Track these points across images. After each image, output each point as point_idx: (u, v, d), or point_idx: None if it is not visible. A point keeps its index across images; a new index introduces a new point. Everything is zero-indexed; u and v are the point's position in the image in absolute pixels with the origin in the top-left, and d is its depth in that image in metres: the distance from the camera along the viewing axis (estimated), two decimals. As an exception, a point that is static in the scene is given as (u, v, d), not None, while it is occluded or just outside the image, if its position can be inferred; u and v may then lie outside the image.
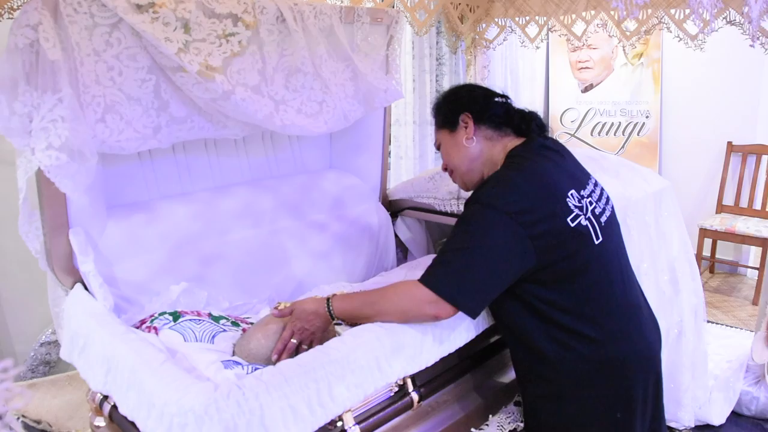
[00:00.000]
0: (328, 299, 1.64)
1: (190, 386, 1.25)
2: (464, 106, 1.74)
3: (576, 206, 1.55)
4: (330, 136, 2.57)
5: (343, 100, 2.17)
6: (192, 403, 1.20)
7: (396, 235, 2.70)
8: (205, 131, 1.93)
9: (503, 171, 1.62)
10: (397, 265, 2.64)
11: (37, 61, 1.50)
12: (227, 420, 1.20)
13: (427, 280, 1.52)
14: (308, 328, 1.63)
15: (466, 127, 1.72)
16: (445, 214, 2.52)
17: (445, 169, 1.84)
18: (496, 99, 1.76)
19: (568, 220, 1.52)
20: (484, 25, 3.68)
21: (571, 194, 1.57)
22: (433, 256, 2.58)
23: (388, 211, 2.68)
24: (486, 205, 1.51)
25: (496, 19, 3.60)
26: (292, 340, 1.62)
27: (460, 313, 1.52)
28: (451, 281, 1.50)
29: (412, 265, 2.48)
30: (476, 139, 1.72)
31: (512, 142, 1.70)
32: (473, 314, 1.53)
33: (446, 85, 4.34)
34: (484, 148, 1.72)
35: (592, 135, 5.32)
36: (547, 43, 5.33)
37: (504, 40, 3.69)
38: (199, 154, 2.18)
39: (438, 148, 1.84)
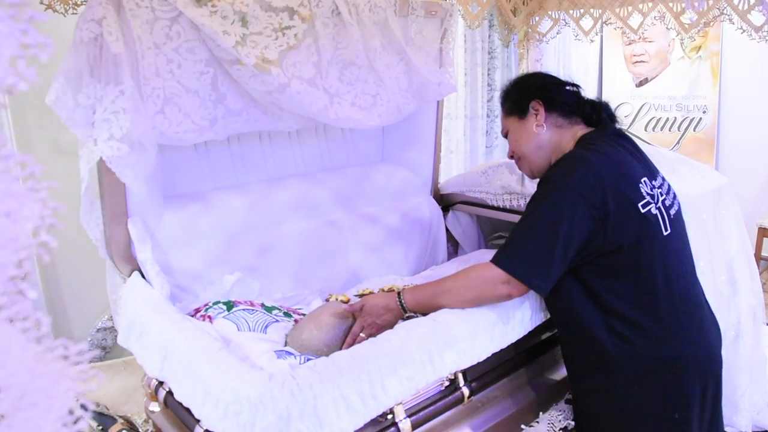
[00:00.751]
0: (398, 293, 1.65)
1: (246, 375, 1.27)
2: (535, 94, 1.73)
3: (648, 194, 1.55)
4: (383, 129, 2.57)
5: (396, 94, 2.17)
6: (247, 391, 1.22)
7: (447, 230, 2.69)
8: (260, 123, 1.95)
9: (576, 151, 1.62)
10: (448, 260, 2.63)
11: (100, 54, 1.54)
12: (281, 409, 1.21)
13: (498, 260, 1.55)
14: (379, 323, 1.65)
15: (536, 115, 1.72)
16: (497, 209, 2.49)
17: (511, 156, 1.84)
18: (568, 87, 1.76)
19: (639, 205, 1.51)
20: (537, 18, 3.62)
21: (644, 181, 1.56)
22: (485, 250, 2.60)
23: (439, 205, 2.67)
24: (558, 185, 1.52)
25: (550, 12, 3.54)
26: (361, 334, 1.64)
27: (516, 301, 1.59)
28: (522, 260, 1.52)
29: (463, 259, 2.47)
30: (546, 127, 1.71)
31: (582, 130, 1.69)
32: (543, 292, 1.57)
33: (498, 79, 4.30)
34: (554, 136, 1.71)
35: (646, 130, 5.20)
36: (601, 37, 5.23)
37: (557, 33, 3.63)
38: (253, 145, 2.20)
39: (505, 135, 1.83)
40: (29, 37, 0.45)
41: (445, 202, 2.70)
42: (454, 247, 2.78)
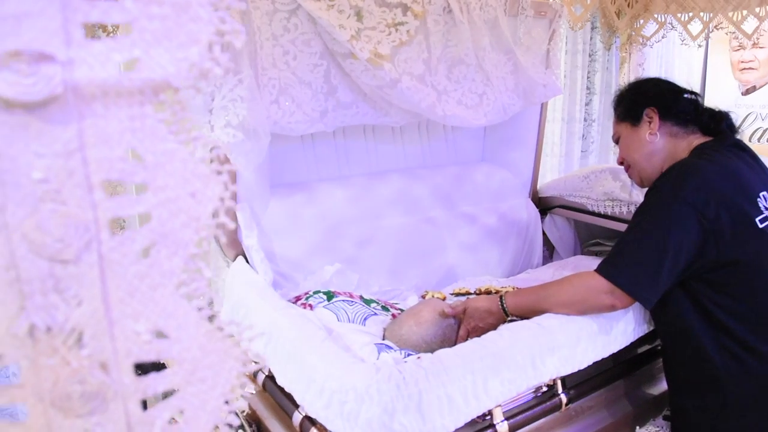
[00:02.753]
0: (500, 296, 1.64)
1: (353, 365, 1.28)
2: (650, 100, 1.68)
3: (766, 208, 1.47)
4: (484, 129, 2.56)
5: (503, 93, 2.15)
6: (354, 381, 1.23)
7: (543, 233, 2.65)
8: (368, 117, 1.97)
9: (690, 160, 1.56)
10: (542, 264, 2.59)
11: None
12: (386, 402, 1.22)
13: (604, 270, 1.51)
14: (482, 326, 1.65)
15: (650, 122, 1.66)
16: (597, 215, 2.43)
17: (621, 163, 1.79)
18: (686, 95, 1.69)
19: (757, 220, 1.45)
20: (641, 21, 3.50)
21: (763, 195, 1.49)
22: (582, 257, 2.55)
23: (537, 208, 2.63)
24: (669, 195, 1.47)
25: (656, 15, 3.43)
26: (468, 338, 1.64)
27: (620, 311, 1.54)
28: (627, 272, 1.48)
29: (560, 264, 2.43)
30: (660, 135, 1.66)
31: (699, 140, 1.63)
32: (649, 304, 1.52)
33: (597, 83, 4.20)
34: (667, 145, 1.65)
35: (750, 141, 4.96)
36: (707, 42, 5.03)
37: (662, 37, 3.50)
38: (357, 139, 2.23)
39: (616, 141, 1.78)
40: (226, 24, 0.47)
41: (543, 205, 2.66)
42: (549, 251, 2.73)
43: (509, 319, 1.65)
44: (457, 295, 2.06)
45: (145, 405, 0.50)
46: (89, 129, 0.43)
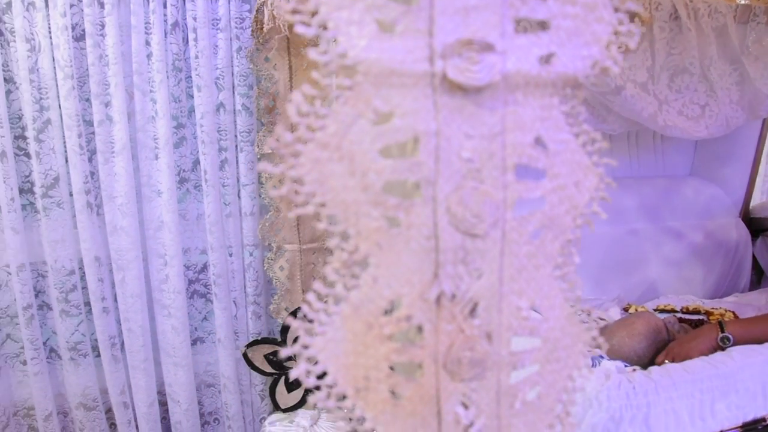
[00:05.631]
0: (720, 324, 1.57)
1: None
2: None
3: None
4: (696, 142, 2.45)
5: (726, 106, 2.05)
6: (584, 385, 1.23)
7: (753, 256, 2.49)
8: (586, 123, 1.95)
9: None
10: (750, 289, 2.44)
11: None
12: (614, 410, 1.21)
13: None
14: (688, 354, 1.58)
15: None
16: (817, 241, 2.26)
17: None
18: None
19: None
20: None
21: None
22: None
23: (748, 228, 2.48)
24: None
25: None
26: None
27: None
28: None
29: (774, 291, 2.28)
30: None
31: None
32: None
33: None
34: None
35: None
36: None
37: None
38: (566, 144, 2.21)
39: None
40: (623, 26, 0.49)
41: (755, 227, 2.50)
42: (757, 276, 2.57)
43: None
44: (662, 311, 1.99)
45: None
46: (510, 115, 0.46)
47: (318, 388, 0.48)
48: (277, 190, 0.41)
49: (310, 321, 0.46)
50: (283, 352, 0.47)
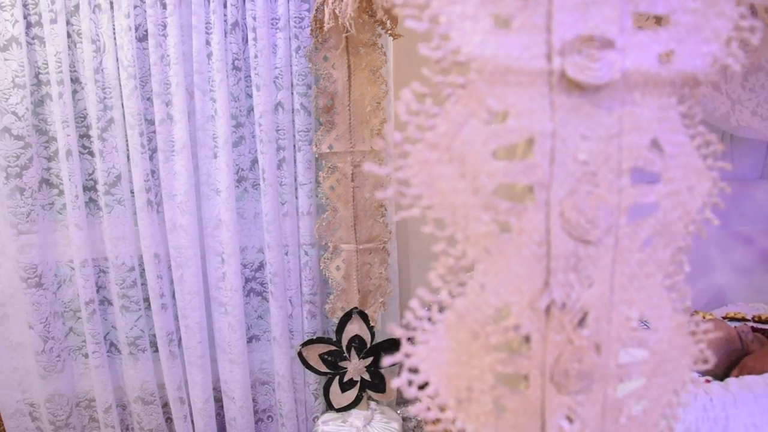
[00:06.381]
0: None
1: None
2: None
3: None
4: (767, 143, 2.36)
5: (802, 106, 1.97)
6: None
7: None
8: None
9: None
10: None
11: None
12: (690, 422, 1.17)
13: None
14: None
15: None
16: None
17: None
18: None
19: None
20: None
21: None
22: None
23: (823, 234, 2.39)
24: None
25: None
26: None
27: None
28: None
29: None
30: None
31: None
32: None
33: None
34: None
35: None
36: None
37: None
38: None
39: None
40: (745, 20, 0.46)
41: (830, 234, 2.41)
42: (830, 285, 2.47)
43: None
44: (731, 319, 1.92)
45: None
46: (627, 116, 0.44)
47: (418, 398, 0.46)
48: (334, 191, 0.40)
49: (413, 329, 0.45)
50: (386, 361, 0.45)
